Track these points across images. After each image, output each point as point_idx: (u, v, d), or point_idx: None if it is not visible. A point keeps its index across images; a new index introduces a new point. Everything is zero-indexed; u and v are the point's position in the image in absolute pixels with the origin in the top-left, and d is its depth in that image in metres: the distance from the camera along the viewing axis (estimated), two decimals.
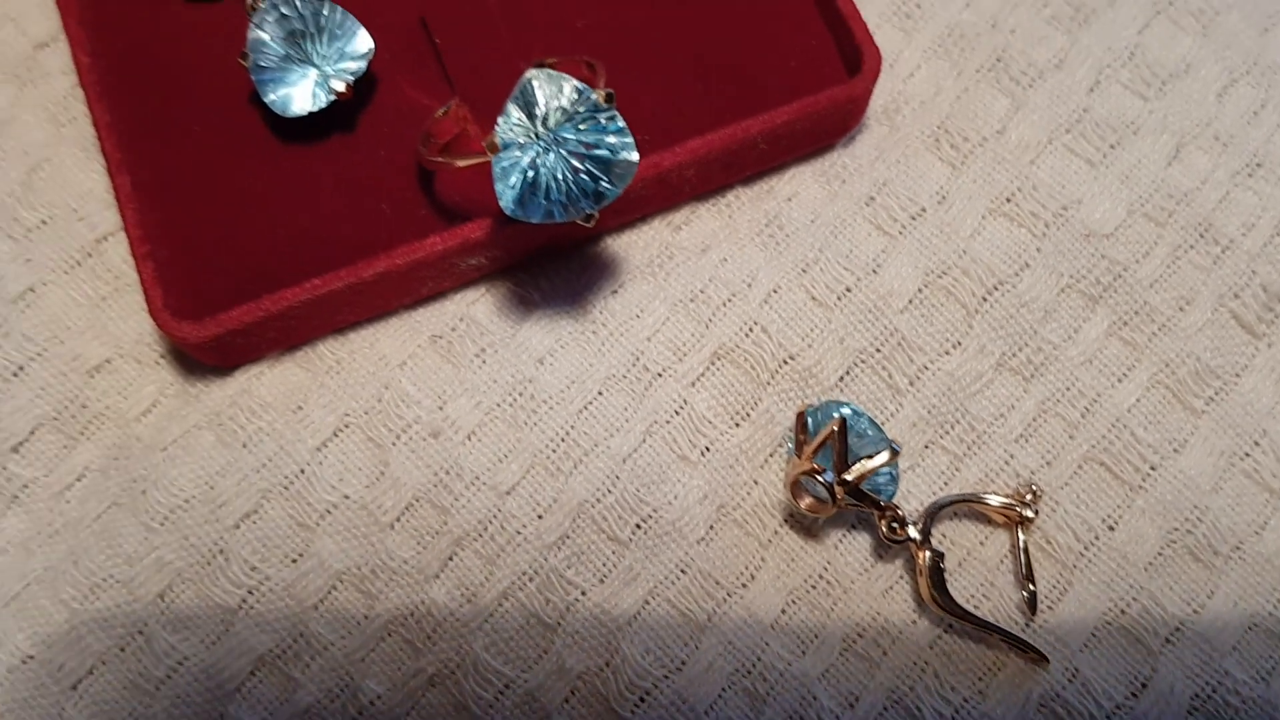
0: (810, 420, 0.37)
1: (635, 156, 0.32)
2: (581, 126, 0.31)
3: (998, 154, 0.40)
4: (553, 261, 0.39)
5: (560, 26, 0.39)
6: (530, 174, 0.32)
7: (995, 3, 0.42)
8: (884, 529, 0.36)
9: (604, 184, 0.32)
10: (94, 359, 0.38)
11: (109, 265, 0.39)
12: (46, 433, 0.37)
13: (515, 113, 0.31)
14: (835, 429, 0.36)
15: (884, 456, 0.36)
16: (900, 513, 0.36)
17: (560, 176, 0.31)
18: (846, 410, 0.36)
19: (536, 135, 0.32)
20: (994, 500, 0.37)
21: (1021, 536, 0.37)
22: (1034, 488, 0.37)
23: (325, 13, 0.36)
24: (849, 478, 0.35)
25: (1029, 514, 0.37)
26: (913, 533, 0.36)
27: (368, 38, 0.36)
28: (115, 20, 0.39)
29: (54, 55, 0.41)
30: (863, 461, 0.36)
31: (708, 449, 0.37)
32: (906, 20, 0.42)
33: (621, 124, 0.31)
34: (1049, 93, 0.40)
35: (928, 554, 0.36)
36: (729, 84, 0.38)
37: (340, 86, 0.36)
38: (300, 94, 0.36)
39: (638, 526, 0.36)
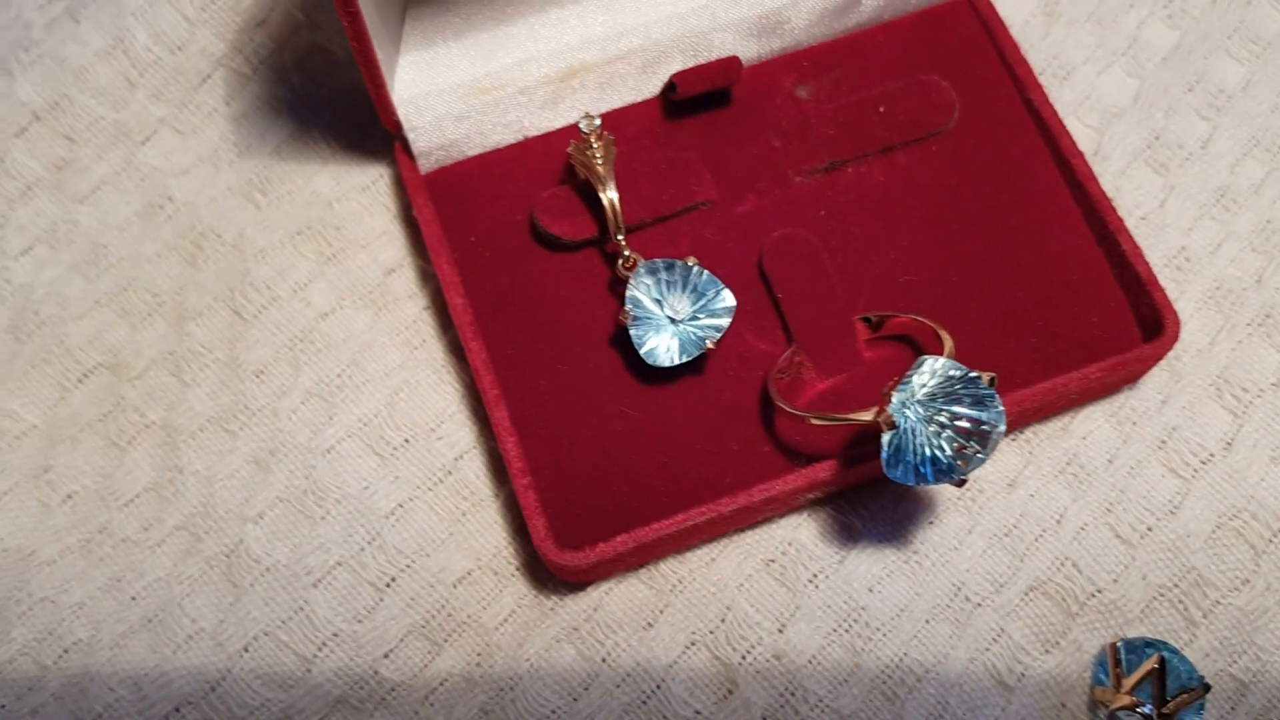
0: (1123, 653, 0.40)
1: (1004, 428, 0.36)
2: (965, 405, 0.35)
3: (1275, 406, 0.43)
4: (868, 489, 0.43)
5: (887, 281, 0.43)
6: (915, 446, 0.35)
7: (1259, 260, 0.46)
8: None
9: (979, 455, 0.35)
10: (457, 571, 0.42)
11: (466, 482, 0.43)
12: (414, 639, 0.41)
13: (907, 390, 0.36)
14: (1155, 666, 0.39)
15: (1199, 692, 0.39)
16: None
17: (941, 449, 0.35)
18: (1164, 651, 0.39)
19: (923, 411, 0.35)
20: None
21: None
22: None
23: (693, 276, 0.40)
24: (1167, 712, 0.39)
25: None
26: None
27: (730, 296, 0.41)
28: (482, 263, 0.43)
29: (400, 280, 0.46)
30: (1181, 697, 0.39)
31: (1023, 675, 0.40)
32: (1178, 272, 0.46)
33: (1000, 403, 0.35)
34: None
35: None
36: (1036, 338, 0.42)
37: (710, 344, 0.40)
38: (671, 347, 0.40)
39: None
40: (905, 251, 0.43)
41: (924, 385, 0.36)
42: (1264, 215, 0.47)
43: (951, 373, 0.36)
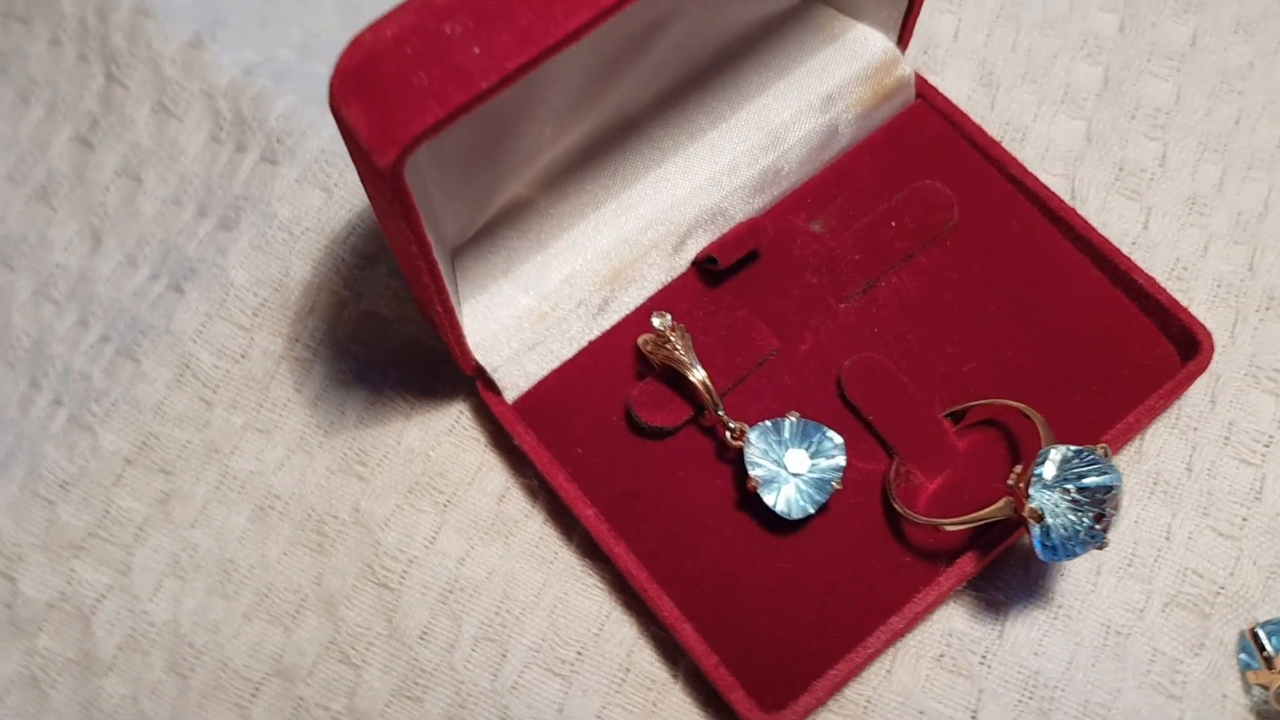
0: (1263, 636, 0.45)
1: (1122, 483, 0.40)
2: (1092, 477, 0.40)
3: None
4: (996, 562, 0.47)
5: (953, 374, 0.47)
6: (1061, 527, 0.40)
7: (1244, 251, 0.51)
8: None
9: (1114, 516, 0.40)
10: None
11: (644, 673, 0.46)
12: None
13: (1040, 481, 0.40)
14: None
15: None
16: None
17: (1082, 522, 0.40)
18: None
19: (1058, 495, 0.40)
20: None
21: None
22: None
23: (798, 428, 0.44)
24: None
25: None
26: None
27: (836, 435, 0.44)
28: (594, 470, 0.46)
29: (512, 504, 0.49)
30: None
31: (1185, 683, 0.45)
32: (1179, 282, 0.51)
33: (1115, 466, 0.40)
34: None
35: None
36: (1094, 384, 0.47)
37: (837, 486, 0.44)
38: (799, 499, 0.44)
39: None
40: (958, 343, 0.48)
41: (1052, 473, 0.40)
42: (1234, 209, 0.52)
43: (1070, 455, 0.40)
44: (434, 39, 0.32)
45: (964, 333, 0.48)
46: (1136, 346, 0.48)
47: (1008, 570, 0.46)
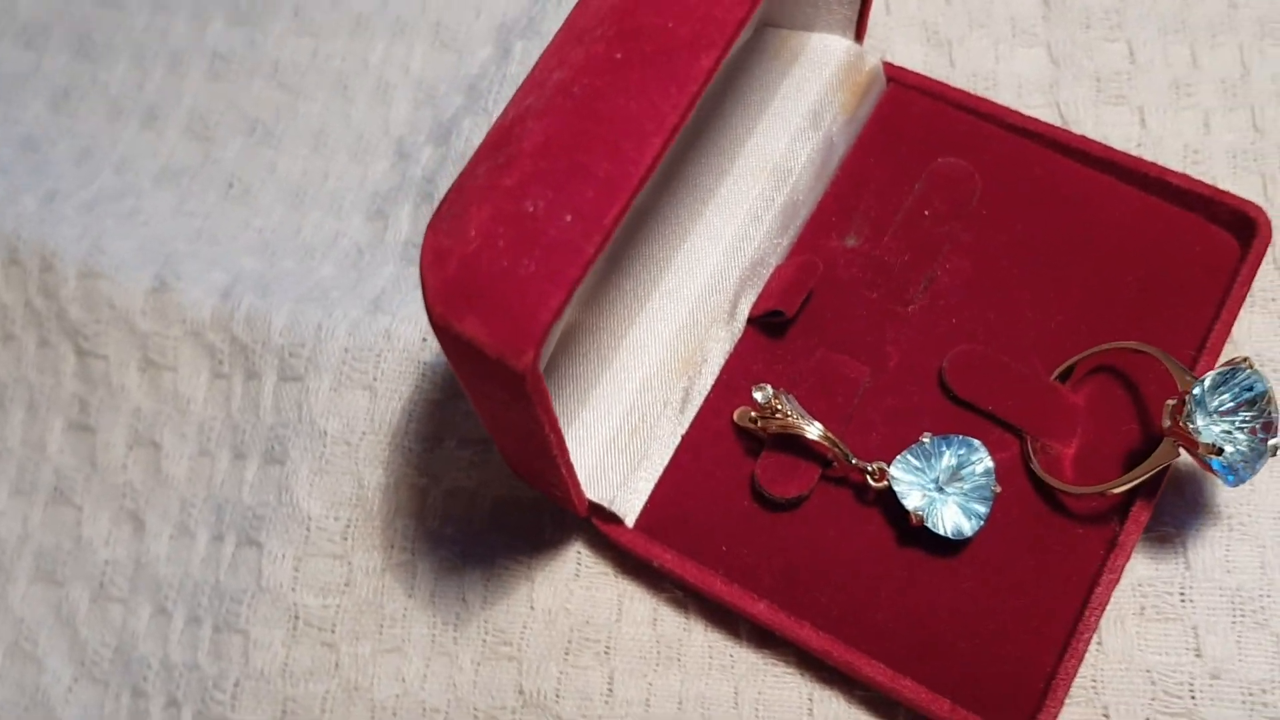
0: None
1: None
2: (1251, 391, 0.39)
3: None
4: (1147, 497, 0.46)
5: (1045, 335, 0.47)
6: (1239, 450, 0.39)
7: (1244, 114, 0.52)
8: None
9: (1278, 418, 0.40)
10: None
11: None
12: None
13: (1204, 414, 0.39)
14: None
15: None
16: None
17: (1254, 439, 0.39)
18: None
19: (1226, 421, 0.39)
20: None
21: None
22: None
23: (935, 447, 0.43)
24: None
25: None
26: None
27: (971, 439, 0.43)
28: (745, 562, 0.45)
29: (667, 625, 0.47)
30: None
31: None
32: (1195, 167, 0.51)
33: (1258, 371, 0.40)
34: None
35: None
36: (1175, 295, 0.47)
37: (996, 489, 0.43)
38: (964, 516, 0.43)
39: None
40: (1033, 305, 0.47)
41: (1211, 403, 0.39)
42: (1216, 78, 0.53)
43: (1220, 379, 0.40)
44: (521, 222, 0.30)
45: (1034, 293, 0.48)
46: (1194, 244, 0.48)
47: (1166, 502, 0.46)
